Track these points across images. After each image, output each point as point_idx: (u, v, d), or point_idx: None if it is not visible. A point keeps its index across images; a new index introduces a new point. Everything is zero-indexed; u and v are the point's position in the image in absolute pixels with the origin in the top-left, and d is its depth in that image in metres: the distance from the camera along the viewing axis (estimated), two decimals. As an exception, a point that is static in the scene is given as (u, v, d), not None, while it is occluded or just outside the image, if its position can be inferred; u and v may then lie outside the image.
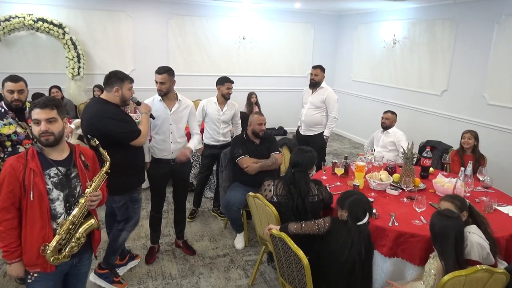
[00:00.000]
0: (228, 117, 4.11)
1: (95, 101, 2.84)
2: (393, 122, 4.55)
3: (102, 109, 2.69)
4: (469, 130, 4.07)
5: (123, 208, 2.93)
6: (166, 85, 3.13)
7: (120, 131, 2.68)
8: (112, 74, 2.76)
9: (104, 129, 2.62)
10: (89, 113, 2.73)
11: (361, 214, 2.32)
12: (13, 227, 1.84)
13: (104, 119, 2.65)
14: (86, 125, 2.72)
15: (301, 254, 2.21)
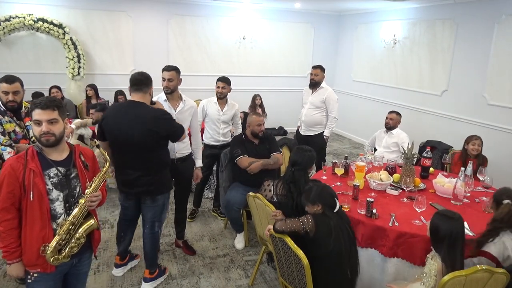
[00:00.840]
0: (228, 117, 4.11)
1: (133, 105, 2.72)
2: (397, 123, 4.55)
3: (153, 111, 2.75)
4: (477, 137, 3.97)
5: (163, 207, 2.97)
6: (173, 83, 3.17)
7: (175, 129, 2.81)
8: (145, 76, 2.75)
9: (162, 130, 2.71)
10: (137, 118, 2.65)
11: (333, 201, 2.36)
12: (13, 227, 1.84)
13: (160, 120, 2.71)
14: (139, 130, 2.63)
15: (301, 254, 2.21)
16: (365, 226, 2.63)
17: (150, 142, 2.70)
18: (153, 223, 2.95)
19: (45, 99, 1.88)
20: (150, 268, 3.06)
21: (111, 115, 2.75)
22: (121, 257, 3.21)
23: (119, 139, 2.69)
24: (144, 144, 2.69)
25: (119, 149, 2.73)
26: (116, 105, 2.88)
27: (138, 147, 2.69)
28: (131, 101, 2.75)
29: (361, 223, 2.65)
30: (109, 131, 2.71)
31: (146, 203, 2.87)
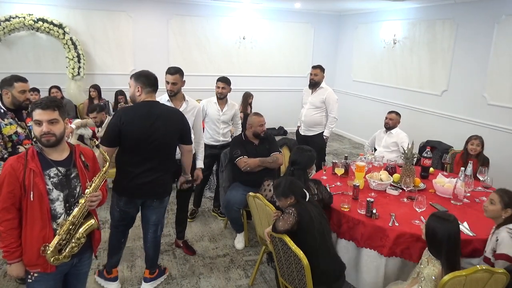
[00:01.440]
0: (228, 117, 4.12)
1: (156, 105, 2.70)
2: (397, 123, 4.55)
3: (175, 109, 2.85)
4: (476, 136, 3.97)
5: (166, 208, 2.95)
6: (177, 86, 3.17)
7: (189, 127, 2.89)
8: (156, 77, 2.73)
9: (186, 128, 2.81)
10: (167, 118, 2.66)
11: (303, 192, 2.46)
12: (13, 227, 1.84)
13: (184, 118, 2.81)
14: (170, 129, 2.67)
15: (300, 254, 2.21)
16: (365, 226, 2.63)
17: (175, 140, 2.76)
18: (157, 227, 2.91)
19: (46, 99, 1.88)
20: (151, 268, 3.06)
21: (134, 118, 2.59)
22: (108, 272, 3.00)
23: (146, 142, 2.58)
24: (172, 143, 2.74)
25: (141, 152, 2.61)
26: (134, 108, 2.67)
27: (165, 147, 2.68)
28: (153, 102, 2.69)
29: (361, 223, 2.65)
30: (133, 135, 2.56)
31: (153, 205, 2.81)
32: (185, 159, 2.97)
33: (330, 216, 2.86)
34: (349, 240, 2.74)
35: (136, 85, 2.66)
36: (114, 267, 3.00)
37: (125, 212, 2.81)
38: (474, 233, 2.51)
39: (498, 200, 2.33)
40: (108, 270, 2.99)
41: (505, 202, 2.30)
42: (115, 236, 2.93)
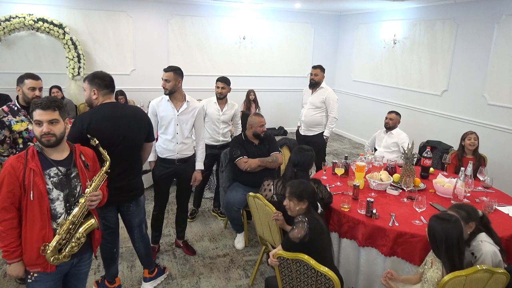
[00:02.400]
0: (228, 117, 4.12)
1: (117, 105, 2.64)
2: (397, 123, 4.55)
3: (137, 108, 2.84)
4: (472, 132, 4.02)
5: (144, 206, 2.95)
6: (170, 84, 3.13)
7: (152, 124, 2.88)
8: (111, 77, 2.61)
9: (151, 125, 2.81)
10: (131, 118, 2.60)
11: (316, 203, 2.46)
12: (13, 227, 1.84)
13: (147, 116, 2.81)
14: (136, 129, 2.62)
15: (330, 273, 2.03)
16: (365, 226, 2.63)
17: (142, 140, 2.72)
18: (141, 226, 2.88)
19: (46, 99, 1.88)
20: (149, 267, 3.05)
21: (98, 122, 2.44)
22: (111, 282, 2.94)
23: (115, 143, 2.47)
24: (139, 142, 2.68)
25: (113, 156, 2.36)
26: (96, 111, 2.50)
27: (133, 148, 2.62)
28: (114, 103, 2.59)
29: (361, 223, 2.65)
30: (102, 139, 2.32)
31: (131, 209, 2.74)
32: (146, 154, 2.89)
33: (330, 216, 2.86)
34: (350, 239, 2.74)
35: (91, 87, 2.50)
36: (115, 276, 2.94)
37: (105, 219, 2.68)
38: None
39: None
40: (110, 280, 2.92)
41: (464, 218, 2.17)
42: (106, 249, 2.80)
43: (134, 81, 7.23)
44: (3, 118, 2.74)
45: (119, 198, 2.62)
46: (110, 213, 2.70)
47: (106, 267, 2.89)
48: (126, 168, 2.60)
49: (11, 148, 2.77)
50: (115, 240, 2.83)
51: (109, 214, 2.69)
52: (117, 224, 2.81)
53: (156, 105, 3.18)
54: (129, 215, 2.78)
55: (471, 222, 2.20)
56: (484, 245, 2.18)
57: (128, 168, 2.61)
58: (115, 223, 2.78)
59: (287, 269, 2.22)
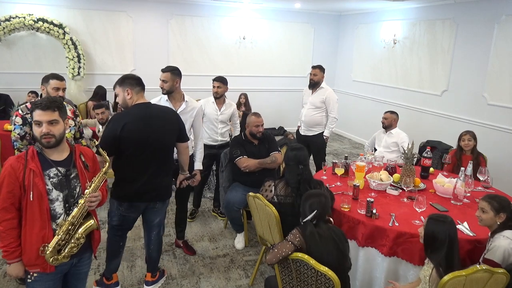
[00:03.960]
0: (226, 116, 4.11)
1: (149, 106, 2.65)
2: (393, 121, 4.53)
3: (168, 108, 2.84)
4: (467, 131, 4.02)
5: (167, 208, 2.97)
6: (167, 84, 3.14)
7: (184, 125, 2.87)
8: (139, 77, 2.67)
9: (182, 126, 2.81)
10: (164, 119, 2.64)
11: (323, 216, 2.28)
12: (13, 227, 1.84)
13: (179, 117, 2.82)
14: (170, 130, 2.67)
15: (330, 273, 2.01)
16: (365, 226, 2.63)
17: (174, 140, 2.75)
18: (160, 228, 2.92)
19: (46, 99, 1.88)
20: (153, 271, 3.04)
21: (133, 123, 2.50)
22: (108, 278, 2.93)
23: (146, 145, 2.53)
24: (171, 143, 2.72)
25: (143, 156, 2.54)
26: (131, 112, 2.56)
27: (165, 148, 2.66)
28: (147, 103, 2.64)
29: (361, 223, 2.65)
30: (133, 140, 2.49)
31: (156, 207, 2.78)
32: (183, 156, 2.95)
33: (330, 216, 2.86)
34: (350, 239, 2.74)
35: (124, 88, 2.56)
36: (114, 272, 2.93)
37: (126, 217, 2.74)
38: (474, 233, 2.51)
39: (488, 207, 2.29)
40: (107, 276, 2.92)
41: (495, 208, 2.26)
42: (114, 241, 2.83)
43: (134, 81, 7.22)
44: (26, 115, 2.75)
45: (149, 197, 2.68)
46: (134, 211, 2.73)
47: (108, 261, 2.89)
48: (156, 168, 2.63)
49: (30, 144, 2.77)
50: (124, 235, 2.86)
51: (133, 211, 2.72)
52: (134, 222, 2.85)
53: None
54: (153, 213, 2.80)
55: (502, 213, 2.26)
56: (502, 240, 2.19)
57: (159, 168, 2.65)
58: (133, 222, 2.82)
59: (287, 269, 2.21)
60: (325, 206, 2.27)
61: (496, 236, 2.24)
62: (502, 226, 2.25)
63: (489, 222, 2.31)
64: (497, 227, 2.27)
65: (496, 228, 2.27)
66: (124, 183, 2.64)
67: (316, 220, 2.22)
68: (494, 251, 2.18)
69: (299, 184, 2.72)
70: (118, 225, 2.76)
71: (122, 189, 2.65)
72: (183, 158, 2.96)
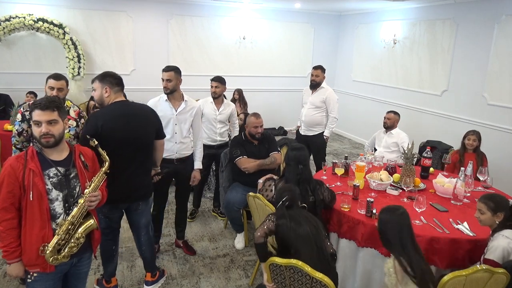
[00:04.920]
0: (225, 116, 4.10)
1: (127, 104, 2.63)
2: (395, 122, 4.54)
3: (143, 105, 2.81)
4: (473, 131, 4.03)
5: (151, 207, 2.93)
6: (172, 83, 3.14)
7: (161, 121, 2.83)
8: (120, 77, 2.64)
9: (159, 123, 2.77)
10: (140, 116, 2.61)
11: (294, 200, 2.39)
12: (12, 227, 1.84)
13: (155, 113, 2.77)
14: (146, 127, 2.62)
15: (326, 279, 1.96)
16: (365, 226, 2.63)
17: (153, 138, 2.71)
18: (148, 228, 2.87)
19: (45, 99, 1.88)
20: (152, 271, 3.03)
21: (112, 120, 2.47)
22: (107, 281, 2.94)
23: (127, 143, 2.49)
24: (150, 141, 2.69)
25: (123, 155, 2.48)
26: (109, 110, 2.54)
27: (145, 146, 2.63)
28: (125, 101, 2.61)
29: (361, 223, 2.65)
30: (114, 138, 2.43)
31: (140, 208, 2.74)
32: (159, 153, 2.90)
33: (330, 216, 2.86)
34: (350, 239, 2.74)
35: (103, 86, 2.53)
36: (112, 276, 2.94)
37: (109, 219, 2.70)
38: (474, 233, 2.51)
39: (485, 208, 2.31)
40: (107, 279, 2.94)
41: (492, 208, 2.28)
42: (105, 245, 2.79)
43: (134, 81, 7.21)
44: (25, 112, 2.75)
45: (129, 198, 2.64)
46: (117, 213, 2.71)
47: (104, 265, 2.90)
48: (136, 167, 2.60)
49: (26, 141, 2.76)
50: (115, 238, 2.84)
51: (115, 212, 2.69)
52: (119, 224, 2.82)
53: (154, 105, 3.17)
54: (137, 215, 2.77)
55: (499, 212, 2.27)
56: (501, 239, 2.20)
57: (138, 167, 2.62)
58: (118, 222, 2.79)
59: (280, 276, 2.14)
60: (294, 194, 2.41)
61: (495, 236, 2.25)
62: (501, 225, 2.26)
63: (489, 222, 2.32)
64: (496, 226, 2.29)
65: (496, 227, 2.29)
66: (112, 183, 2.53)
67: (288, 204, 2.34)
68: (493, 250, 2.18)
69: (299, 184, 2.72)
70: (105, 228, 2.69)
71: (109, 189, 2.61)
72: (158, 154, 2.91)
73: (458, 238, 2.47)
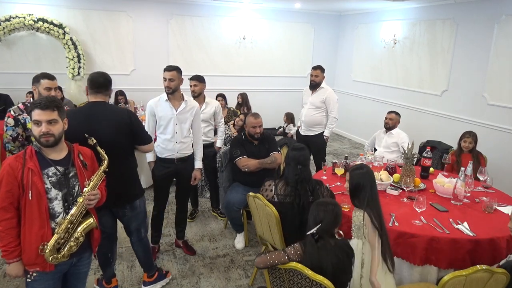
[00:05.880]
0: (208, 115, 4.02)
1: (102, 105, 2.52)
2: (397, 123, 4.55)
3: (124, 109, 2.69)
4: (469, 133, 4.03)
5: (145, 211, 2.84)
6: (175, 83, 3.13)
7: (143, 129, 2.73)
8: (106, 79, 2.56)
9: (135, 124, 2.58)
10: (104, 115, 2.47)
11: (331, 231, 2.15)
12: (12, 226, 1.84)
13: (131, 114, 2.62)
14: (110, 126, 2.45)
15: (326, 282, 1.91)
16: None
17: (122, 141, 2.52)
18: (139, 231, 2.83)
19: (45, 99, 1.88)
20: (148, 271, 3.01)
21: (74, 121, 2.31)
22: (108, 282, 2.94)
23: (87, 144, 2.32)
24: (119, 144, 2.49)
25: None
26: (77, 110, 2.55)
27: (110, 149, 2.35)
28: (96, 102, 2.52)
29: (361, 223, 2.65)
30: (75, 139, 2.20)
31: (126, 214, 2.68)
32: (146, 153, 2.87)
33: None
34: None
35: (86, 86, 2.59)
36: (112, 277, 2.94)
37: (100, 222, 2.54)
38: (474, 233, 2.50)
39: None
40: (107, 280, 2.94)
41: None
42: (100, 250, 2.67)
43: (134, 81, 7.22)
44: (18, 116, 2.72)
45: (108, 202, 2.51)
46: (105, 217, 2.62)
47: (102, 269, 2.91)
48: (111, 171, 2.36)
49: (22, 146, 2.73)
50: (110, 245, 2.79)
51: (103, 217, 2.60)
52: (114, 228, 2.78)
53: (154, 105, 3.18)
54: (125, 220, 2.74)
55: None
56: None
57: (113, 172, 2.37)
58: (111, 227, 2.74)
59: (279, 279, 2.10)
60: (330, 219, 2.04)
61: None
62: None
63: None
64: None
65: None
66: None
67: (319, 234, 2.03)
68: None
69: (297, 184, 2.72)
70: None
71: None
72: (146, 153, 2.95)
73: (458, 238, 2.46)
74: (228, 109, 6.12)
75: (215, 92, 6.26)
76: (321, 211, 2.06)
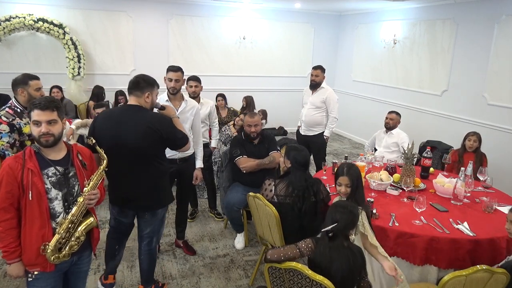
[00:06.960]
0: (203, 116, 3.99)
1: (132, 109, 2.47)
2: (397, 123, 4.55)
3: (153, 112, 2.56)
4: (474, 132, 4.04)
5: (162, 220, 2.81)
6: (180, 83, 3.16)
7: (176, 133, 2.57)
8: (141, 79, 2.49)
9: (164, 131, 2.46)
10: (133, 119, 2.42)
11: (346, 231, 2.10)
12: (12, 227, 1.84)
13: (162, 119, 2.51)
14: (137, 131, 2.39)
15: (326, 282, 1.89)
16: (365, 226, 2.63)
17: (151, 146, 2.46)
18: (151, 239, 2.74)
19: (44, 99, 1.88)
20: (146, 284, 2.89)
21: (104, 123, 2.44)
22: (105, 277, 2.91)
23: (115, 148, 2.35)
24: (148, 149, 2.45)
25: (115, 161, 2.28)
26: (108, 112, 2.59)
27: (138, 154, 2.42)
28: (128, 105, 2.52)
29: (361, 223, 2.65)
30: (103, 142, 2.29)
31: (146, 218, 2.67)
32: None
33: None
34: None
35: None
36: (110, 274, 2.92)
37: (118, 221, 2.72)
38: (474, 233, 2.51)
39: None
40: (105, 275, 2.93)
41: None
42: (109, 242, 2.82)
43: (134, 81, 7.23)
44: (13, 121, 2.68)
45: (131, 205, 2.62)
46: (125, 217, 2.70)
47: (106, 260, 2.93)
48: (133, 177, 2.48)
49: (18, 151, 2.71)
50: (120, 240, 2.84)
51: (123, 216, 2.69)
52: (129, 230, 2.83)
53: None
54: (142, 222, 2.71)
55: None
56: None
57: (136, 177, 2.48)
58: (127, 228, 2.80)
59: (279, 279, 2.08)
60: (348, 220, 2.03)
61: None
62: None
63: None
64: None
65: None
66: (111, 187, 2.61)
67: (334, 233, 2.02)
68: None
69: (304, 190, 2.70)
70: (113, 227, 2.79)
71: (110, 193, 2.64)
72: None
73: (458, 238, 2.46)
74: (228, 109, 6.13)
75: (215, 92, 6.27)
76: (339, 212, 2.05)
